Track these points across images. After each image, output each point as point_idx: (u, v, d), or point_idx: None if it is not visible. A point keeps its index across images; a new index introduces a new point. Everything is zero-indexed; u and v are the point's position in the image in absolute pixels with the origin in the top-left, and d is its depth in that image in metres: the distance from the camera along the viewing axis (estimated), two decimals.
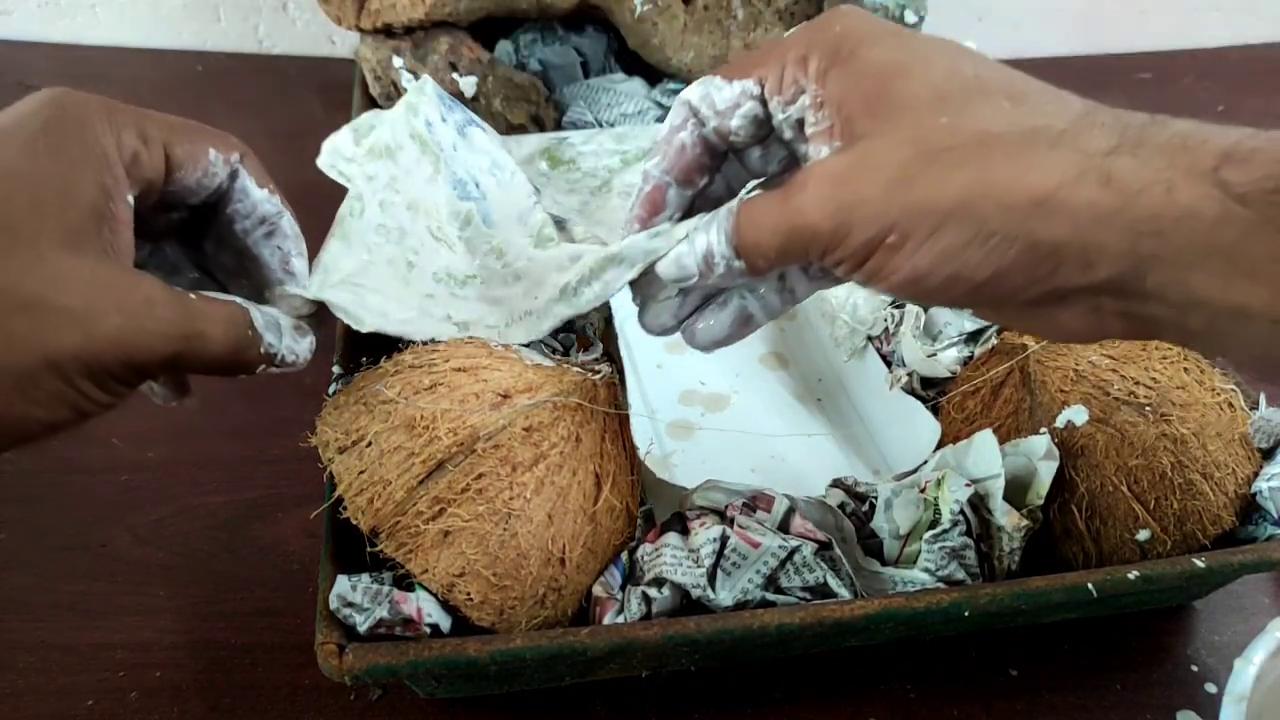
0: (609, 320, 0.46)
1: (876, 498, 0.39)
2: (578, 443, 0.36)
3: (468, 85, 0.67)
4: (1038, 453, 0.38)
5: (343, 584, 0.33)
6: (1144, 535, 0.38)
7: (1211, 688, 0.42)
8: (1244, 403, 0.41)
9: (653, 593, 0.35)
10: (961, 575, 0.36)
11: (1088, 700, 0.41)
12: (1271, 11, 1.01)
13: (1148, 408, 0.39)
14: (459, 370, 0.36)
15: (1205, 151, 0.25)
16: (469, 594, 0.33)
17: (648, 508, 0.41)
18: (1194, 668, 0.43)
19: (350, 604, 0.33)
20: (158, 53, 0.89)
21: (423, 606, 0.33)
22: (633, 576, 0.37)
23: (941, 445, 0.43)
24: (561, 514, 0.35)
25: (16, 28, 0.88)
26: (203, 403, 0.40)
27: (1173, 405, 0.39)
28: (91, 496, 0.48)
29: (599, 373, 0.37)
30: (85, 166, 0.29)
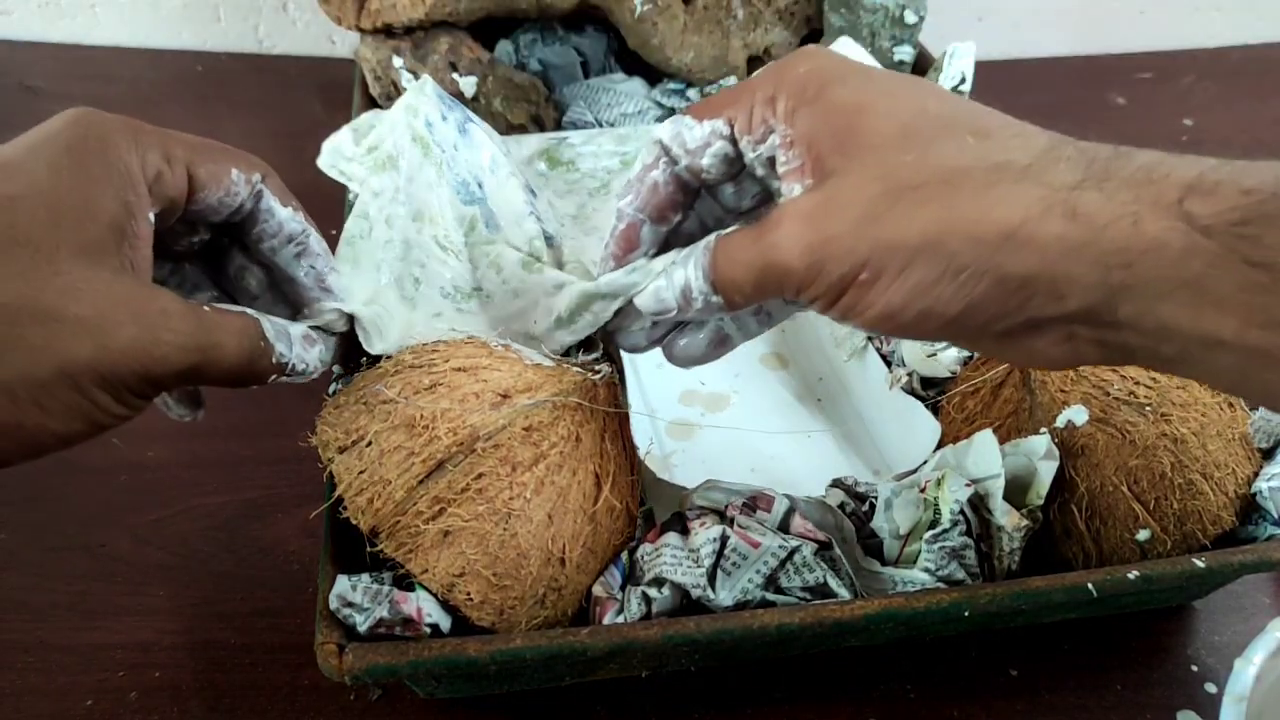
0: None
1: (876, 498, 0.39)
2: (578, 442, 0.36)
3: (468, 85, 0.67)
4: (1038, 453, 0.38)
5: (343, 584, 0.33)
6: (1144, 535, 0.38)
7: (1211, 688, 0.42)
8: (1244, 403, 0.41)
9: (653, 593, 0.35)
10: (961, 575, 0.36)
11: (1088, 700, 0.41)
12: (1271, 11, 1.01)
13: (1148, 408, 0.39)
14: (459, 370, 0.36)
15: (1170, 184, 0.25)
16: (469, 594, 0.33)
17: (648, 508, 0.41)
18: (1194, 668, 0.43)
19: (350, 604, 0.33)
20: (158, 53, 0.89)
21: (423, 606, 0.33)
22: (633, 576, 0.37)
23: (941, 445, 0.43)
24: (561, 514, 0.35)
25: (17, 28, 0.88)
26: None
27: (1173, 405, 0.39)
28: (91, 496, 0.48)
29: (599, 373, 0.37)
30: (107, 183, 0.30)
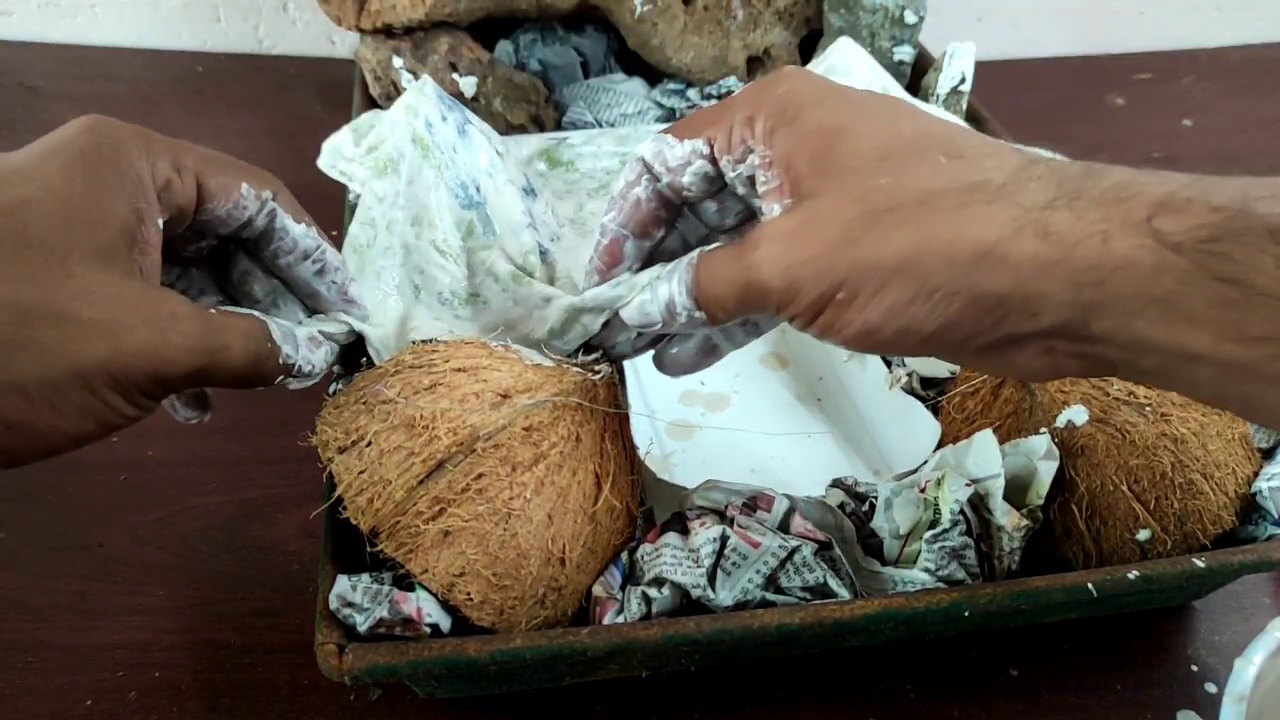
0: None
1: (876, 498, 0.39)
2: (578, 442, 0.36)
3: (468, 85, 0.67)
4: (1038, 453, 0.38)
5: (342, 584, 0.33)
6: (1144, 535, 0.38)
7: (1211, 688, 0.42)
8: None
9: (653, 593, 0.35)
10: (961, 575, 0.36)
11: (1088, 700, 0.41)
12: (1271, 11, 1.01)
13: (1148, 407, 0.39)
14: (459, 370, 0.36)
15: (1139, 202, 0.26)
16: (469, 594, 0.33)
17: (648, 508, 0.41)
18: (1194, 668, 0.43)
19: (350, 604, 0.33)
20: (158, 53, 0.89)
21: (423, 606, 0.33)
22: (633, 576, 0.37)
23: (941, 445, 0.43)
24: (561, 514, 0.35)
25: (17, 28, 0.88)
26: None
27: (1173, 405, 0.39)
28: (91, 496, 0.48)
29: (599, 373, 0.37)
30: (119, 190, 0.30)
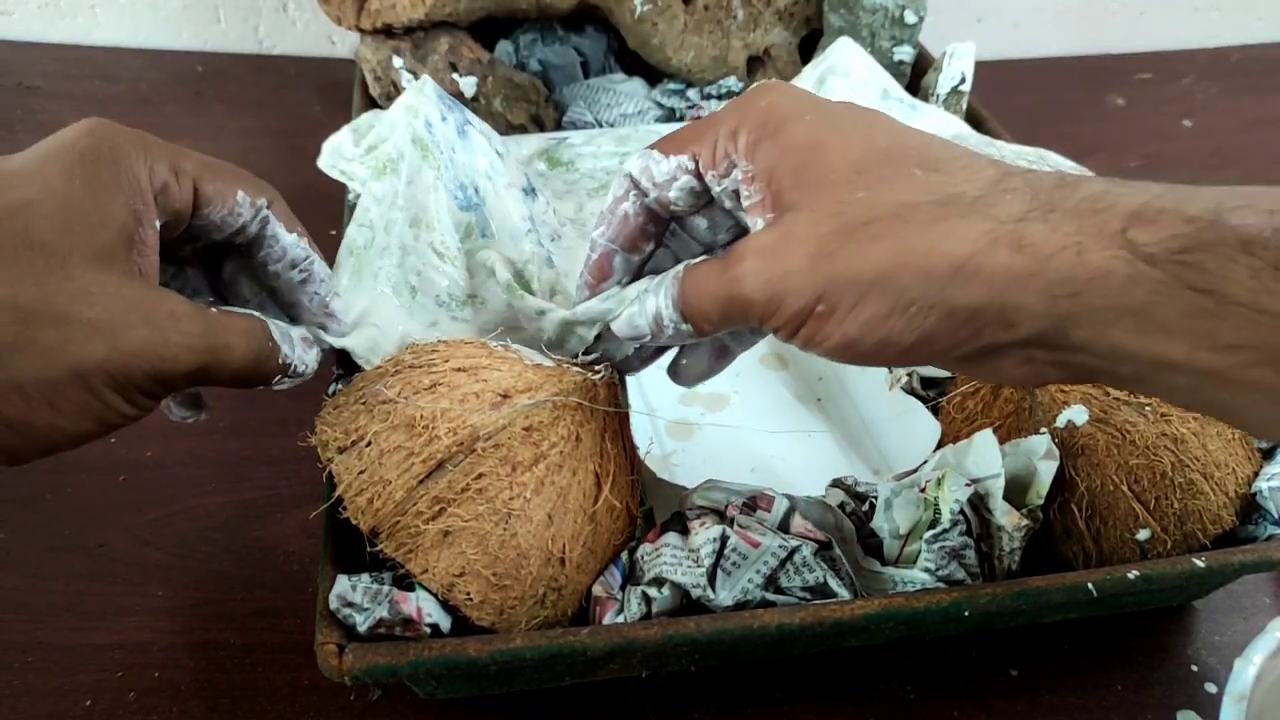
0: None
1: (876, 498, 0.39)
2: (578, 442, 0.36)
3: (468, 85, 0.67)
4: (1038, 453, 0.38)
5: (342, 584, 0.33)
6: (1144, 535, 0.38)
7: (1211, 688, 0.42)
8: None
9: (653, 593, 0.35)
10: (961, 575, 0.36)
11: (1088, 700, 0.41)
12: (1271, 11, 1.01)
13: (1148, 407, 0.39)
14: (459, 370, 0.36)
15: (1113, 214, 0.26)
16: (469, 594, 0.33)
17: (648, 508, 0.41)
18: (1194, 668, 0.43)
19: (350, 604, 0.33)
20: (158, 53, 0.89)
21: (423, 606, 0.33)
22: (633, 576, 0.37)
23: (941, 445, 0.43)
24: (561, 514, 0.35)
25: (17, 28, 0.88)
26: None
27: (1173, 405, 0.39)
28: (90, 496, 0.48)
29: (599, 372, 0.37)
30: (117, 192, 0.30)
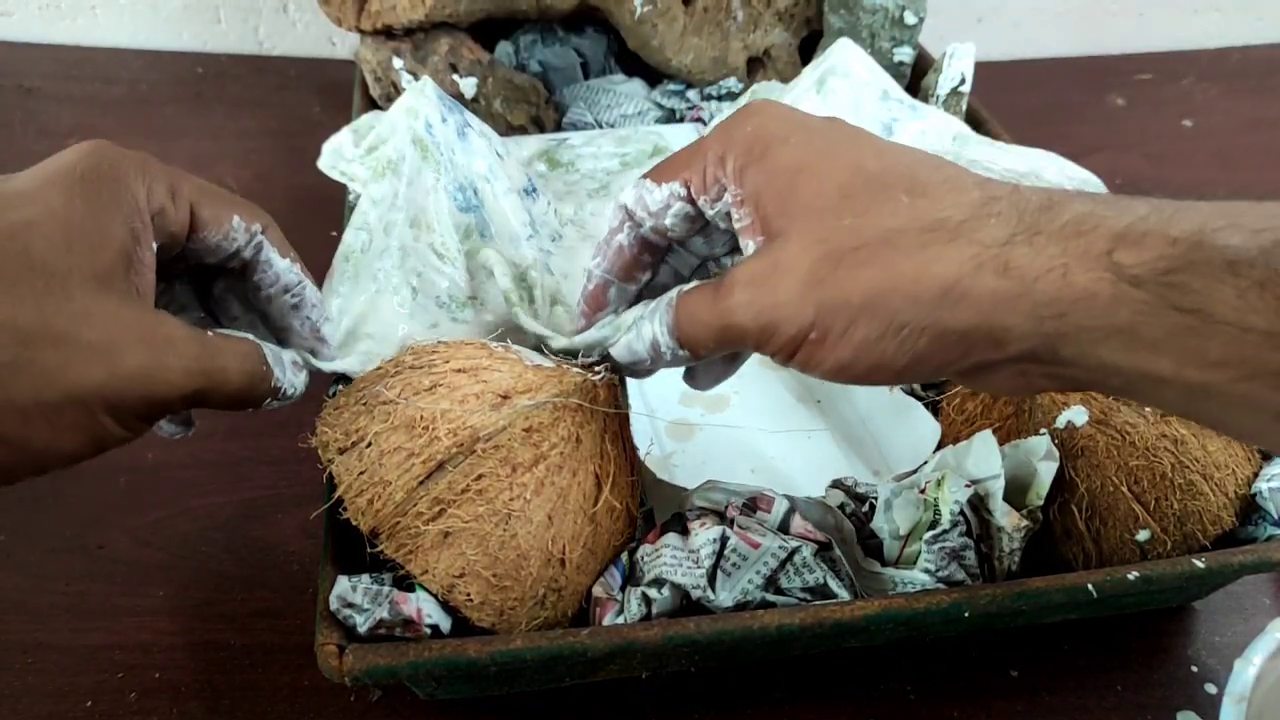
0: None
1: (876, 498, 0.39)
2: (578, 443, 0.36)
3: (468, 86, 0.67)
4: (1038, 453, 0.38)
5: (343, 584, 0.33)
6: (1144, 535, 0.38)
7: (1211, 688, 0.42)
8: None
9: (653, 593, 0.35)
10: (961, 576, 0.36)
11: (1088, 700, 0.41)
12: (1271, 11, 1.01)
13: (1147, 409, 0.39)
14: (459, 371, 0.36)
15: (1098, 236, 0.26)
16: (469, 595, 0.33)
17: (648, 508, 0.41)
18: (1194, 668, 0.43)
19: (350, 604, 0.33)
20: (158, 54, 0.89)
21: (423, 607, 0.33)
22: (633, 577, 0.37)
23: (941, 446, 0.43)
24: (561, 515, 0.35)
25: (17, 29, 0.88)
26: None
27: None
28: (90, 497, 0.48)
29: (599, 373, 0.37)
30: (117, 212, 0.31)
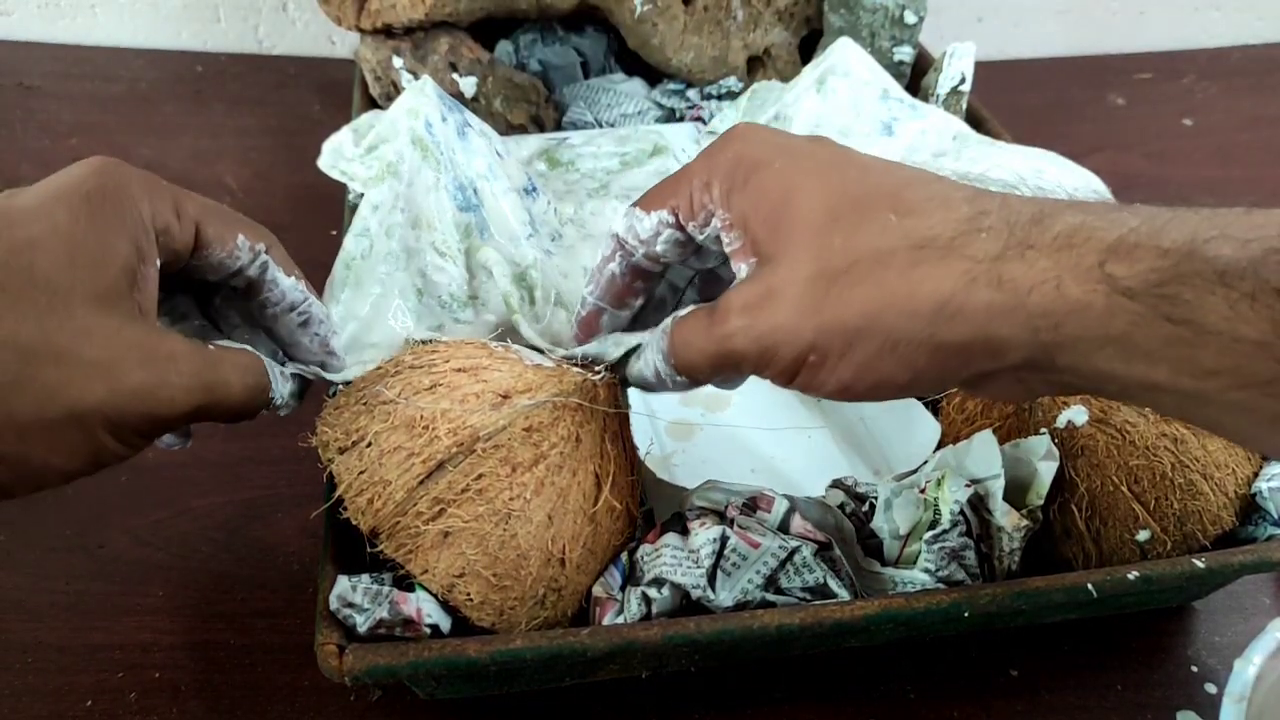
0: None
1: (876, 498, 0.39)
2: (578, 443, 0.36)
3: (468, 85, 0.67)
4: (1038, 453, 0.38)
5: (343, 584, 0.33)
6: (1144, 535, 0.38)
7: (1211, 688, 0.42)
8: None
9: (653, 593, 0.35)
10: (961, 576, 0.36)
11: (1088, 700, 0.41)
12: (1271, 11, 1.01)
13: (1147, 408, 0.39)
14: (459, 370, 0.36)
15: (1090, 248, 0.26)
16: (469, 594, 0.33)
17: (648, 508, 0.41)
18: (1194, 668, 0.43)
19: (350, 604, 0.33)
20: (158, 53, 0.89)
21: (423, 607, 0.33)
22: (632, 577, 0.37)
23: (941, 445, 0.43)
24: (561, 514, 0.35)
25: (17, 28, 0.88)
26: None
27: None
28: (90, 497, 0.48)
29: (599, 373, 0.37)
30: (121, 229, 0.31)
